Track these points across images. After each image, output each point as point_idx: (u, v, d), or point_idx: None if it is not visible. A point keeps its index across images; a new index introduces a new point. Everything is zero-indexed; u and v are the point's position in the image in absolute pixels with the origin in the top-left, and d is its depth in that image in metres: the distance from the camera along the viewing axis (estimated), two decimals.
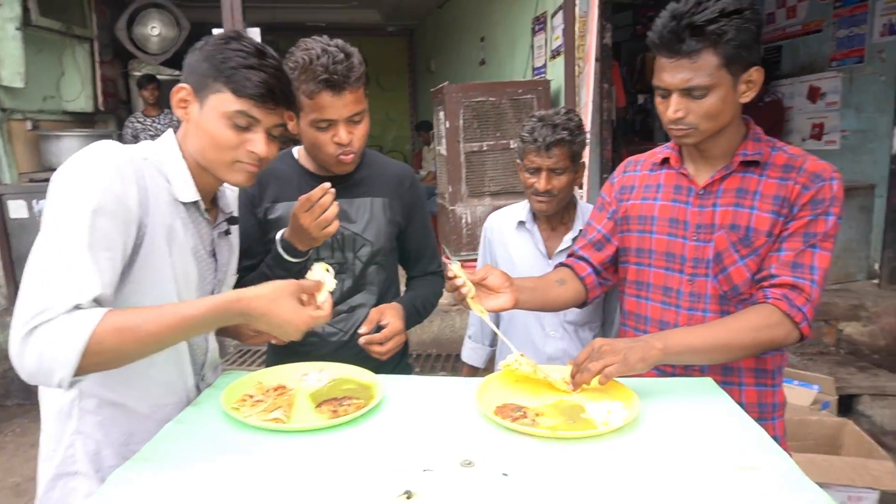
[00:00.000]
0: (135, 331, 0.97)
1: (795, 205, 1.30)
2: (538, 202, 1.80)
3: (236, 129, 1.14)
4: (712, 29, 1.19)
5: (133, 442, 1.18)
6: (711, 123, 1.27)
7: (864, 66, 4.34)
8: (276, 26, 8.33)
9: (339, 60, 1.35)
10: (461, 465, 0.99)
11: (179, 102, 1.17)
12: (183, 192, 1.18)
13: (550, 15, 4.46)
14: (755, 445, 1.04)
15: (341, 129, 1.40)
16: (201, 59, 1.14)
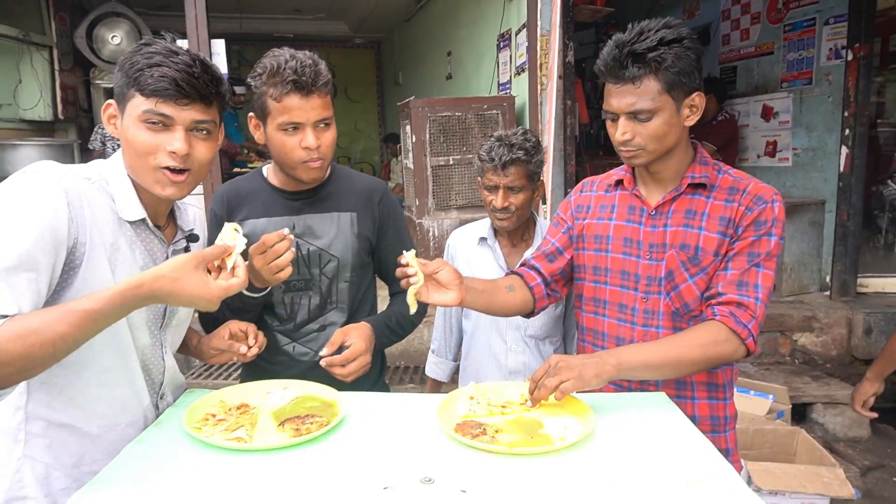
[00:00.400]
0: (37, 334, 0.94)
1: (740, 225, 1.36)
2: (497, 219, 1.85)
3: (152, 130, 1.12)
4: (652, 56, 1.27)
5: (84, 463, 1.17)
6: (658, 145, 1.34)
7: (813, 88, 4.53)
8: (242, 36, 8.28)
9: (308, 65, 1.38)
10: (421, 482, 1.01)
11: (110, 119, 1.18)
12: (127, 210, 1.17)
13: (515, 32, 4.55)
14: (703, 459, 1.09)
15: (309, 133, 1.40)
16: (118, 71, 1.14)
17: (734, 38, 5.31)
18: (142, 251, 1.20)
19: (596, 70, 1.36)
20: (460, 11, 5.87)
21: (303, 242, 1.54)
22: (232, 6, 6.82)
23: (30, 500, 1.15)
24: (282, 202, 1.55)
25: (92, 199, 1.12)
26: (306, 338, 1.58)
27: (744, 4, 5.15)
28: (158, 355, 1.28)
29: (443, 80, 6.63)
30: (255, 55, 7.62)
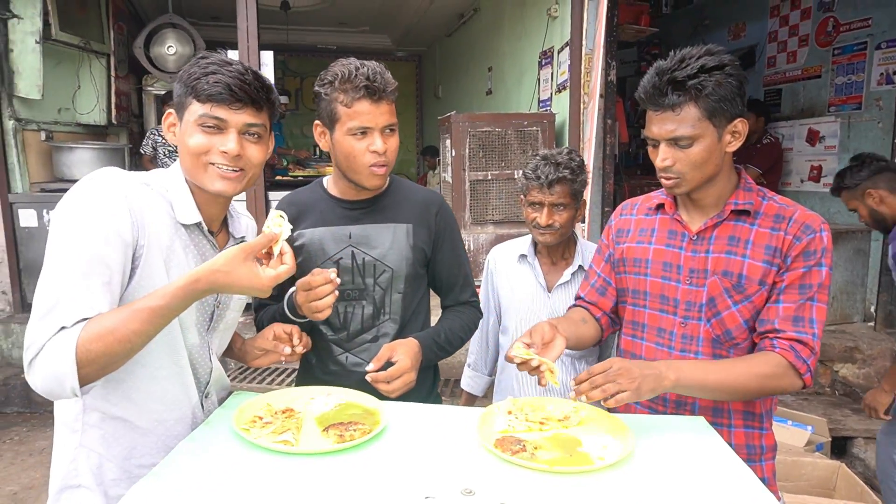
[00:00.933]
0: (114, 332, 1.03)
1: (788, 255, 1.35)
2: (540, 235, 1.87)
3: (207, 132, 1.19)
4: (692, 84, 1.27)
5: (134, 456, 1.22)
6: (698, 172, 1.34)
7: (862, 113, 4.44)
8: (289, 48, 8.50)
9: (378, 72, 1.44)
10: (462, 493, 1.03)
11: (170, 127, 1.25)
12: (184, 214, 1.23)
13: (557, 50, 4.57)
14: (743, 486, 1.08)
15: (377, 138, 1.45)
16: (178, 83, 1.22)
17: (780, 61, 5.24)
18: (194, 255, 1.25)
19: (637, 97, 1.38)
20: (503, 27, 5.93)
21: (358, 252, 1.57)
22: (280, 19, 7.01)
23: (83, 489, 1.21)
24: (340, 211, 1.59)
25: (150, 204, 1.19)
26: (359, 348, 1.61)
27: (791, 26, 5.09)
28: (206, 356, 1.33)
29: (483, 95, 6.68)
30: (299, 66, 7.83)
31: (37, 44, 4.33)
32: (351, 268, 1.57)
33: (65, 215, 1.09)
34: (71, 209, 1.10)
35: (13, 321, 4.32)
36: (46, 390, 1.04)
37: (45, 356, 1.02)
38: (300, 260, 1.57)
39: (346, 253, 1.57)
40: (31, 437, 3.63)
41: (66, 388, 1.03)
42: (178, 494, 1.01)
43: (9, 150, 4.40)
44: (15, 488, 3.08)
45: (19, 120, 4.44)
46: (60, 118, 4.95)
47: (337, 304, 1.58)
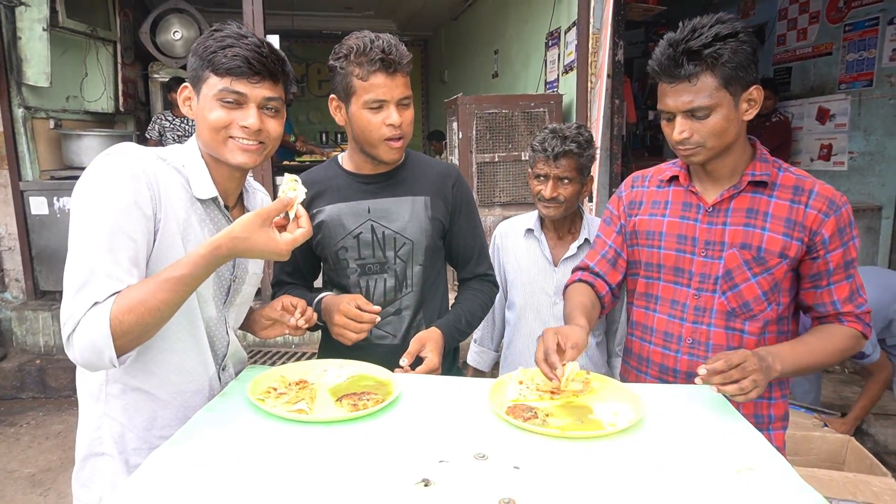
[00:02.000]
0: (144, 303, 1.07)
1: (819, 233, 1.35)
2: (545, 207, 1.88)
3: (227, 107, 1.20)
4: (708, 52, 1.26)
5: (155, 426, 1.25)
6: (717, 141, 1.33)
7: (873, 90, 4.40)
8: (294, 33, 8.47)
9: (393, 44, 1.43)
10: (475, 457, 1.05)
11: (185, 101, 1.26)
12: (200, 188, 1.25)
13: (564, 30, 4.54)
14: (752, 448, 1.09)
15: (393, 111, 1.45)
16: (193, 56, 1.22)
17: (790, 38, 5.18)
18: (210, 229, 1.27)
19: (649, 70, 1.36)
20: (509, 9, 5.88)
21: (378, 225, 1.58)
22: (285, 3, 6.99)
23: (106, 457, 1.25)
24: (357, 186, 1.59)
25: (167, 178, 1.20)
26: (383, 321, 1.62)
27: (802, 3, 5.03)
28: (223, 330, 1.35)
29: (489, 78, 6.65)
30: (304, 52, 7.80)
31: (44, 31, 4.33)
32: (371, 241, 1.58)
33: (85, 192, 1.11)
34: (91, 186, 1.11)
35: (27, 308, 4.37)
36: (86, 363, 1.08)
37: (82, 331, 1.06)
38: (320, 237, 1.60)
39: (366, 227, 1.58)
40: (48, 420, 3.68)
41: (105, 359, 1.07)
42: (195, 461, 1.03)
43: (19, 138, 4.42)
44: (33, 470, 3.14)
45: (28, 108, 4.46)
46: (69, 106, 4.97)
47: (359, 279, 1.61)
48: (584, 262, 1.66)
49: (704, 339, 1.45)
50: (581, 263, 1.68)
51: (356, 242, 1.58)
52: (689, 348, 1.47)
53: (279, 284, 1.73)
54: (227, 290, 1.34)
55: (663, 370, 1.50)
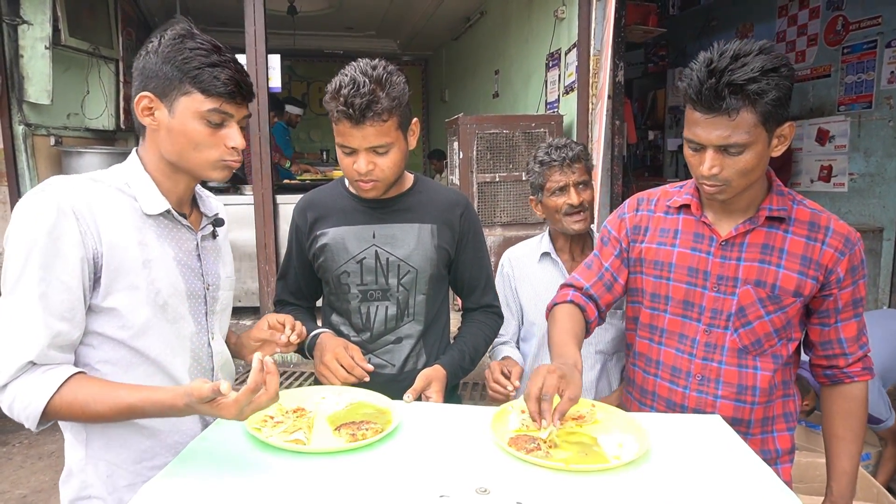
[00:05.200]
0: (85, 408, 1.06)
1: (834, 271, 1.32)
2: (575, 222, 1.80)
3: (211, 126, 1.16)
4: (753, 88, 1.16)
5: (145, 458, 1.21)
6: (744, 180, 1.26)
7: (873, 112, 4.41)
8: (295, 52, 8.53)
9: (363, 94, 1.33)
10: (476, 491, 1.01)
11: (144, 111, 1.16)
12: (150, 204, 1.19)
13: (565, 52, 4.57)
14: (763, 485, 1.06)
15: (361, 158, 1.41)
16: (159, 62, 1.13)
17: None
18: (170, 242, 1.23)
19: (683, 96, 1.26)
20: (510, 30, 5.93)
21: (382, 251, 1.55)
22: (287, 23, 7.04)
23: (94, 500, 1.19)
24: (362, 210, 1.57)
25: (107, 204, 1.14)
26: (382, 349, 1.59)
27: (800, 26, 5.07)
28: (204, 341, 1.30)
29: (489, 98, 6.68)
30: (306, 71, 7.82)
31: (46, 49, 4.34)
32: (374, 267, 1.55)
33: (13, 237, 1.07)
34: (17, 231, 1.07)
35: None
36: (9, 414, 1.08)
37: (15, 393, 1.05)
38: (322, 259, 1.57)
39: (370, 252, 1.55)
40: (40, 441, 3.63)
41: (25, 424, 1.07)
42: (188, 494, 1.00)
43: (19, 155, 4.42)
44: (25, 491, 3.08)
45: (29, 125, 4.46)
46: (69, 123, 4.97)
47: (360, 305, 1.58)
48: (578, 280, 1.57)
49: (715, 375, 1.41)
50: (574, 281, 1.58)
51: (359, 267, 1.55)
52: (699, 385, 1.42)
53: (281, 304, 1.71)
54: (205, 299, 1.29)
55: (670, 405, 1.46)
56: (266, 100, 4.22)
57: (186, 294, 1.24)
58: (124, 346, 1.16)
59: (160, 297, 1.18)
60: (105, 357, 1.16)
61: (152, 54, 1.14)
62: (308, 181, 5.24)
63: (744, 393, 1.39)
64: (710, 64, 1.20)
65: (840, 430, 1.43)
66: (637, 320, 1.54)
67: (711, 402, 1.41)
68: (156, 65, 1.13)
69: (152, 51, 1.14)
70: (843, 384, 1.42)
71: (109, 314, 1.14)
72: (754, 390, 1.39)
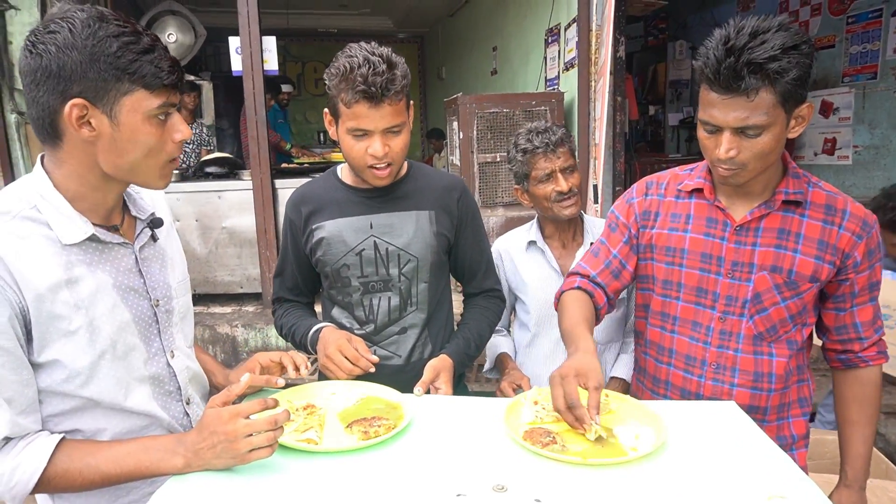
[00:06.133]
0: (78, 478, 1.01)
1: (851, 255, 1.30)
2: (565, 207, 1.76)
3: (159, 124, 1.02)
4: (773, 67, 1.11)
5: (121, 496, 1.13)
6: (762, 163, 1.22)
7: (878, 83, 4.35)
8: (289, 32, 8.40)
9: (380, 72, 1.32)
10: (493, 489, 1.00)
11: (78, 121, 0.97)
12: (68, 233, 1.02)
13: (564, 27, 4.48)
14: (782, 473, 1.05)
15: (377, 141, 1.38)
16: (85, 61, 0.94)
17: None
18: (105, 268, 1.08)
19: (699, 76, 1.21)
20: (508, 5, 5.82)
21: (381, 242, 1.52)
22: (281, 2, 6.91)
23: None
24: (358, 200, 1.54)
25: (20, 244, 0.98)
26: (387, 341, 1.58)
27: None
28: (162, 363, 1.17)
29: (487, 76, 6.59)
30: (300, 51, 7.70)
31: None
32: (374, 258, 1.53)
33: None
34: None
35: None
36: None
37: None
38: (320, 254, 1.54)
39: (369, 243, 1.52)
40: None
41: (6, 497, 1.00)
42: (202, 496, 0.99)
43: (12, 143, 4.36)
44: None
45: (21, 113, 4.39)
46: None
47: (362, 297, 1.56)
48: (585, 268, 1.54)
49: (731, 363, 1.39)
50: (580, 269, 1.55)
51: (358, 259, 1.53)
52: (714, 373, 1.40)
53: (279, 301, 1.69)
54: (155, 319, 1.16)
55: (685, 395, 1.44)
56: (262, 83, 4.15)
57: (133, 321, 1.11)
58: (73, 397, 1.05)
59: (103, 338, 1.05)
60: (55, 411, 1.05)
61: (69, 51, 0.93)
62: (307, 164, 5.18)
63: (760, 380, 1.38)
64: (728, 41, 1.14)
65: (854, 415, 1.42)
66: (648, 308, 1.51)
67: (728, 391, 1.39)
68: (79, 64, 0.94)
69: (66, 46, 0.93)
70: (858, 368, 1.41)
71: (51, 367, 1.02)
72: (770, 377, 1.37)
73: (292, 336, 1.60)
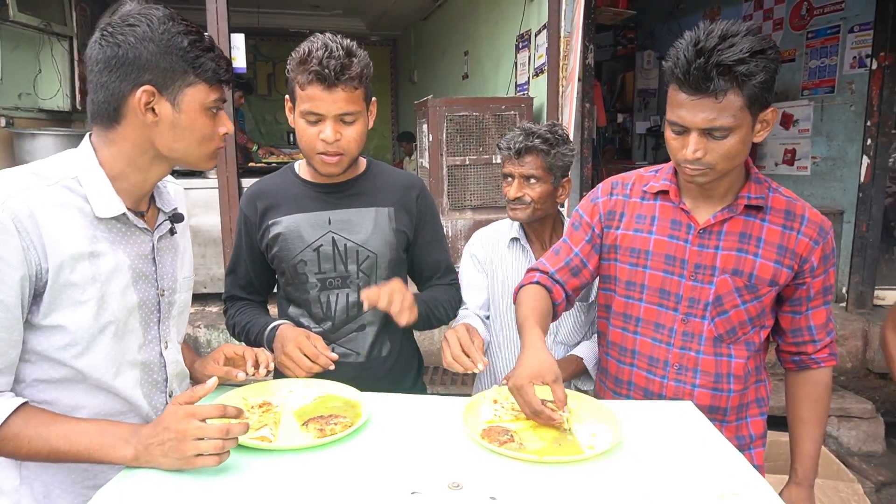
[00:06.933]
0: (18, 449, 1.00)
1: (808, 260, 1.33)
2: (511, 209, 1.80)
3: (212, 116, 1.14)
4: (741, 69, 1.14)
5: (87, 479, 1.14)
6: (728, 164, 1.24)
7: (835, 96, 4.49)
8: (259, 31, 8.30)
9: (336, 56, 1.32)
10: (449, 487, 0.99)
11: (144, 106, 1.06)
12: (103, 207, 1.08)
13: (535, 33, 4.52)
14: (735, 472, 1.06)
15: (329, 126, 1.36)
16: (159, 52, 1.03)
17: None
18: (126, 249, 1.13)
19: (669, 76, 1.22)
20: (480, 10, 5.85)
21: (339, 238, 1.50)
22: (251, 1, 6.83)
23: None
24: (316, 196, 1.52)
25: (55, 211, 1.03)
26: (346, 338, 1.55)
27: (766, 10, 5.11)
28: (156, 352, 1.21)
29: (459, 80, 6.61)
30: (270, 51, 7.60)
31: None
32: (332, 254, 1.51)
33: None
34: None
35: None
36: None
37: None
38: (276, 250, 1.52)
39: (327, 239, 1.50)
40: None
41: None
42: (147, 495, 0.96)
43: None
44: None
45: None
46: (21, 104, 4.76)
47: (319, 294, 1.54)
48: (544, 265, 1.54)
49: (692, 364, 1.40)
50: (540, 265, 1.55)
51: (316, 255, 1.50)
52: (676, 374, 1.41)
53: (231, 299, 1.64)
54: (158, 307, 1.20)
55: (648, 395, 1.45)
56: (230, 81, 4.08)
57: (137, 305, 1.15)
58: (64, 366, 1.07)
59: (108, 314, 1.09)
60: (42, 376, 1.07)
61: (146, 42, 1.03)
62: (274, 164, 5.11)
63: (720, 381, 1.40)
64: (698, 43, 1.16)
65: (805, 414, 1.46)
66: (610, 308, 1.51)
67: (689, 391, 1.40)
68: (154, 55, 1.04)
69: (144, 38, 1.03)
70: (810, 370, 1.45)
71: (53, 332, 1.05)
72: (730, 378, 1.40)
73: (246, 335, 1.56)
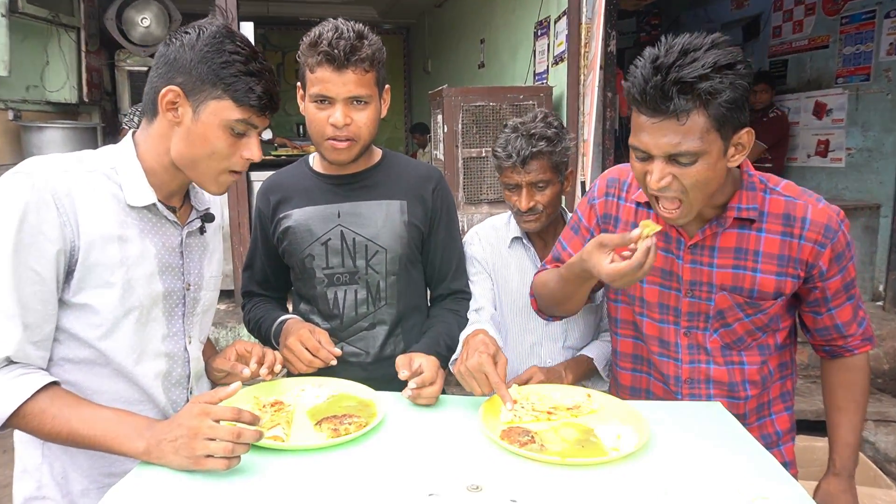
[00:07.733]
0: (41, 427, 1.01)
1: (816, 265, 1.23)
2: (524, 222, 1.63)
3: (233, 136, 1.12)
4: (704, 87, 1.02)
5: (103, 465, 1.15)
6: (700, 193, 1.11)
7: (871, 84, 4.31)
8: (269, 20, 8.22)
9: (347, 38, 1.30)
10: (468, 489, 0.94)
11: (168, 105, 1.10)
12: (135, 196, 1.13)
13: (554, 20, 4.39)
14: (765, 474, 1.01)
15: (338, 110, 1.33)
16: (195, 60, 1.08)
17: (786, 30, 5.08)
18: (153, 238, 1.16)
19: (627, 96, 1.11)
20: None
21: (348, 231, 1.45)
22: None
23: (48, 501, 1.14)
24: (327, 188, 1.48)
25: (89, 191, 1.08)
26: (355, 337, 1.49)
27: None
28: (180, 345, 1.22)
29: (475, 69, 6.49)
30: (280, 40, 7.54)
31: (2, 17, 4.07)
32: (340, 249, 1.45)
33: None
34: None
35: None
36: None
37: None
38: (286, 244, 1.48)
39: (335, 233, 1.44)
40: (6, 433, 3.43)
41: None
42: (162, 494, 0.92)
43: None
44: None
45: None
46: (29, 96, 4.71)
47: (326, 290, 1.48)
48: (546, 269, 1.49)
49: (704, 377, 1.33)
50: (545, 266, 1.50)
51: (324, 249, 1.45)
52: (690, 388, 1.34)
53: (248, 295, 1.61)
54: (183, 300, 1.21)
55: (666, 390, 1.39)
56: None
57: (163, 295, 1.17)
58: (89, 346, 1.10)
59: (134, 298, 1.12)
60: (68, 355, 1.10)
61: (188, 48, 1.08)
62: (284, 157, 5.02)
63: (735, 389, 1.33)
64: (657, 59, 1.05)
65: (842, 402, 1.37)
66: (618, 321, 1.44)
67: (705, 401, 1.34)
68: (190, 61, 1.08)
69: (188, 44, 1.09)
70: (844, 357, 1.37)
71: (81, 310, 1.08)
72: (745, 384, 1.32)
73: (258, 330, 1.53)
